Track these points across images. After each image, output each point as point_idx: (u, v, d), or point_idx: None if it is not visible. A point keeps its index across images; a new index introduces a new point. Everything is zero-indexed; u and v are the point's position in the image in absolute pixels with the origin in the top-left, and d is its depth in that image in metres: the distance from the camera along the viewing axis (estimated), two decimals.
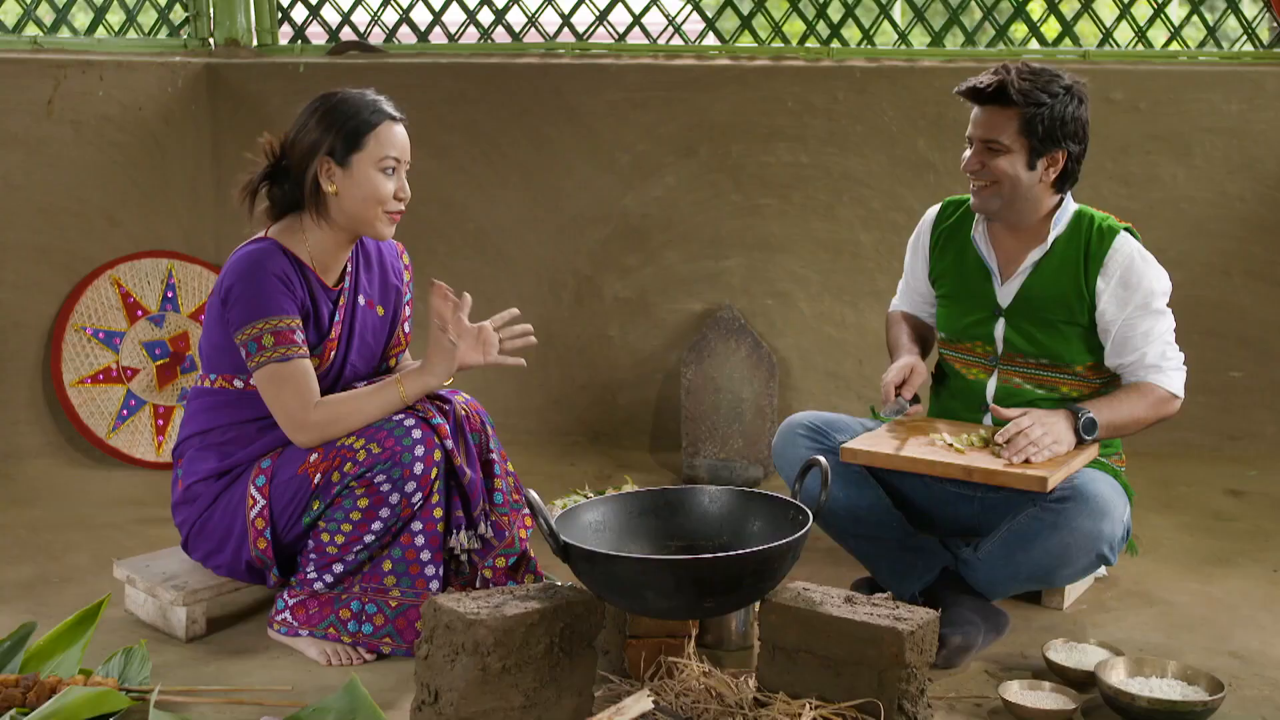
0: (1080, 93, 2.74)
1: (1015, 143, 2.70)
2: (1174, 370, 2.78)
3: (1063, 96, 2.70)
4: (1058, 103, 2.69)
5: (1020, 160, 2.72)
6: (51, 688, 2.26)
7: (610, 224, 4.32)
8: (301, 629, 2.61)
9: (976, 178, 2.76)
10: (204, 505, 2.66)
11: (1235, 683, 2.48)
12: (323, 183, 2.59)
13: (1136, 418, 2.74)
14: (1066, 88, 2.71)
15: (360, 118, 2.58)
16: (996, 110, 2.71)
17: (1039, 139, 2.69)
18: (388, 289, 2.81)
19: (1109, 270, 2.75)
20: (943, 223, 2.97)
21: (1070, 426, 2.67)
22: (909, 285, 3.12)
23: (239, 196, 2.67)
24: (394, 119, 2.62)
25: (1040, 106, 2.68)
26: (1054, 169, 2.74)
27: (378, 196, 2.59)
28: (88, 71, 4.07)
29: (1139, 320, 2.74)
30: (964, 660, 2.59)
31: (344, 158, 2.57)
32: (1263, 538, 3.42)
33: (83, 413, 3.98)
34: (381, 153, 2.59)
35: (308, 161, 2.59)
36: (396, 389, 2.58)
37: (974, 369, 2.91)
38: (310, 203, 2.61)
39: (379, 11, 4.50)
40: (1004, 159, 2.71)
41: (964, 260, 2.91)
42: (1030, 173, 2.73)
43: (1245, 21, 4.24)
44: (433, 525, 2.58)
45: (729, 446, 4.05)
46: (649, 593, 2.17)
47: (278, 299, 2.55)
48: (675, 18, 4.43)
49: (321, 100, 2.62)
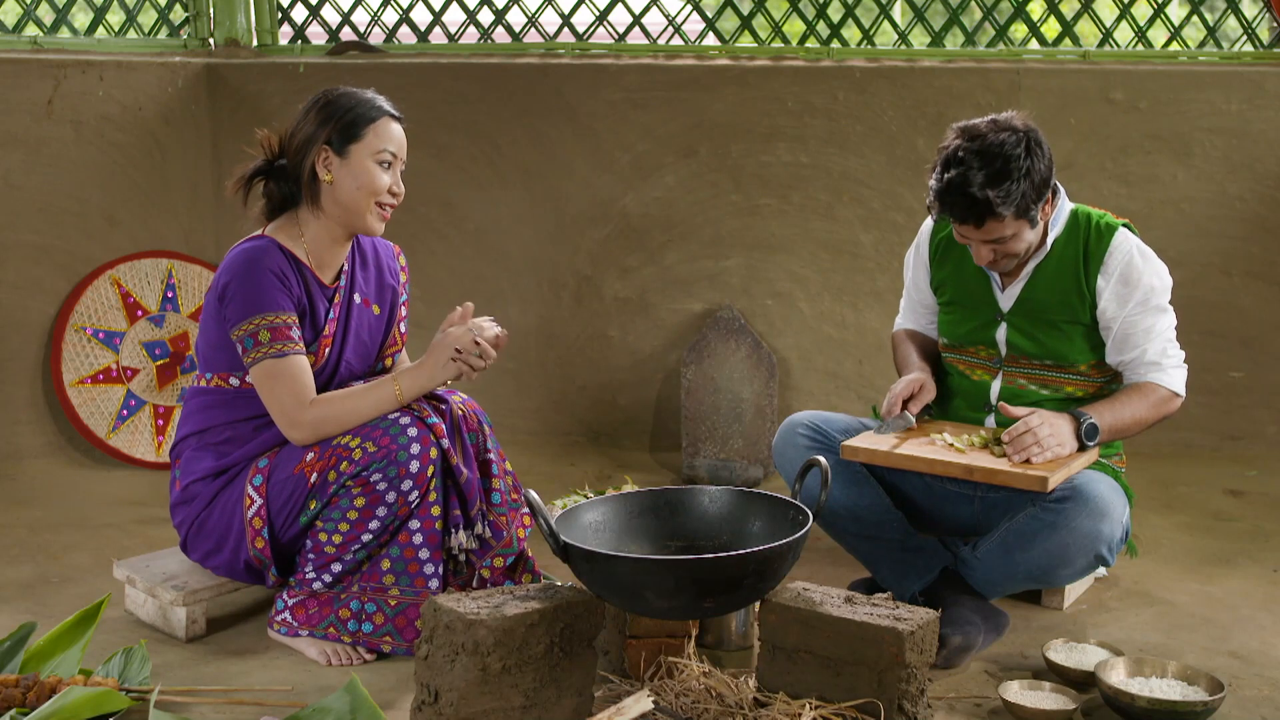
0: (1033, 136, 2.66)
1: (1016, 227, 2.68)
2: (1174, 368, 2.78)
3: (1023, 159, 2.61)
4: (1018, 171, 2.61)
5: (1025, 230, 2.70)
6: (51, 688, 2.26)
7: (610, 224, 4.32)
8: (301, 629, 2.62)
9: (996, 266, 2.77)
10: (202, 505, 2.66)
11: (1235, 683, 2.48)
12: (319, 171, 2.61)
13: (1139, 418, 2.75)
14: (1020, 144, 2.62)
15: (360, 110, 2.62)
16: (988, 222, 2.67)
17: (1031, 206, 2.66)
18: (383, 288, 2.82)
19: (1109, 268, 2.75)
20: (940, 232, 2.97)
21: (1073, 431, 2.67)
22: (912, 299, 3.11)
23: (232, 188, 2.69)
24: (394, 116, 2.67)
25: (1016, 188, 2.61)
26: (1049, 206, 2.75)
27: (372, 187, 2.61)
28: (88, 71, 4.08)
29: (1140, 317, 2.75)
30: (964, 660, 2.59)
31: (341, 147, 2.60)
32: (1263, 538, 3.42)
33: (83, 413, 3.98)
34: (379, 145, 2.62)
35: (306, 150, 2.61)
36: (392, 387, 2.58)
37: (978, 370, 2.91)
38: (306, 192, 2.63)
39: (379, 11, 4.50)
40: (1012, 242, 2.70)
41: (964, 267, 2.91)
42: (1034, 229, 2.73)
43: (1245, 21, 4.24)
44: (431, 524, 2.58)
45: (729, 446, 4.05)
46: (649, 593, 2.17)
47: (274, 295, 2.56)
48: (675, 18, 4.43)
49: (322, 94, 2.66)
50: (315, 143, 2.60)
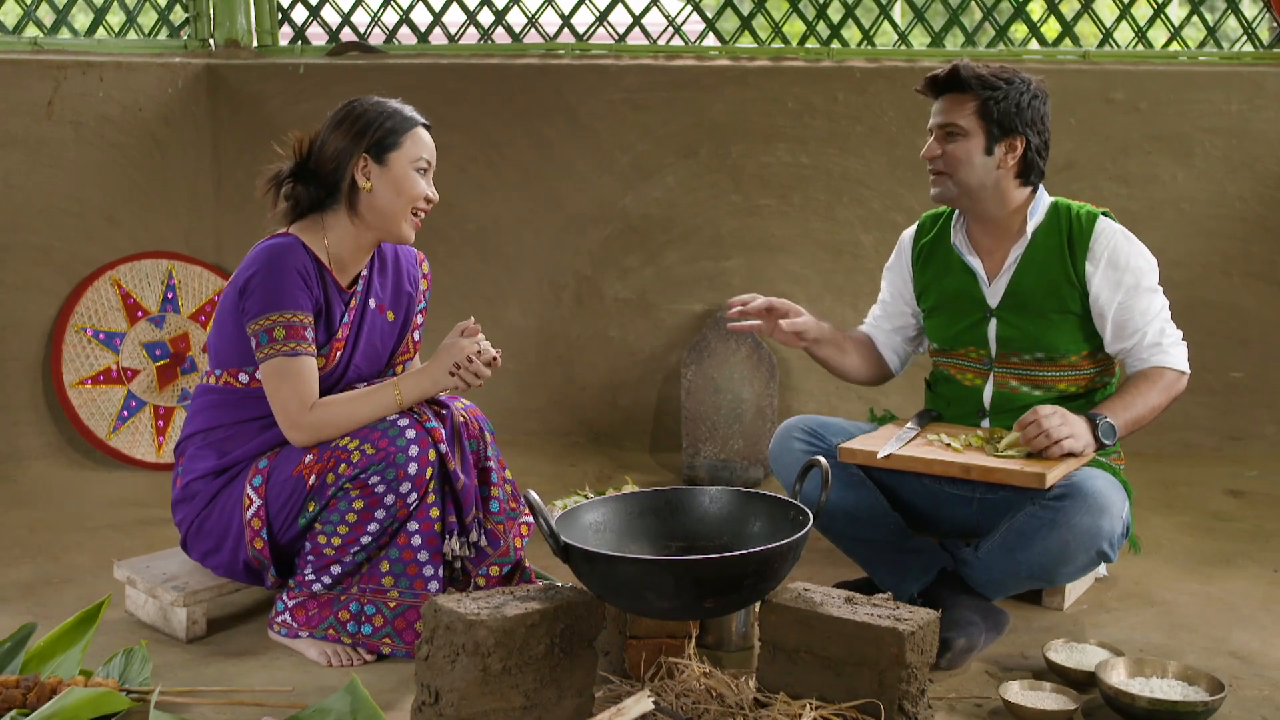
0: (1039, 89, 2.79)
1: (972, 125, 2.76)
2: (1174, 346, 2.79)
3: (1019, 85, 2.76)
4: (1013, 90, 2.75)
5: (978, 145, 2.76)
6: (52, 689, 2.26)
7: (610, 224, 4.32)
8: (301, 630, 2.62)
9: (934, 164, 2.80)
10: (202, 504, 2.66)
11: (1235, 683, 2.48)
12: (359, 179, 2.63)
13: (1153, 406, 2.76)
14: (1024, 79, 2.78)
15: (397, 119, 2.66)
16: (953, 97, 2.78)
17: (995, 123, 2.75)
18: (400, 295, 2.82)
19: (1095, 253, 2.77)
20: (922, 238, 2.99)
21: (1089, 429, 2.67)
22: (883, 310, 3.11)
23: (262, 188, 2.71)
24: (425, 125, 2.72)
25: (995, 90, 2.74)
26: (1013, 156, 2.78)
27: (411, 194, 2.66)
28: (88, 72, 4.08)
29: (1135, 300, 2.76)
30: (967, 661, 2.59)
31: (380, 155, 2.64)
32: (1263, 538, 3.42)
33: (83, 414, 3.98)
34: (417, 153, 2.67)
35: (342, 159, 2.64)
36: (393, 391, 2.58)
37: (969, 374, 2.92)
38: (345, 200, 2.66)
39: (379, 12, 4.50)
40: (961, 143, 2.76)
41: (948, 269, 2.92)
42: (987, 158, 2.77)
43: (1245, 21, 4.25)
44: (429, 525, 2.58)
45: (729, 447, 4.05)
46: (649, 593, 2.17)
47: (295, 293, 2.57)
48: (675, 18, 4.43)
49: (354, 103, 2.69)
50: (355, 152, 2.63)
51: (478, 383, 2.61)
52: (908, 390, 3.61)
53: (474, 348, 2.60)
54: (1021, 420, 2.66)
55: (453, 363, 2.59)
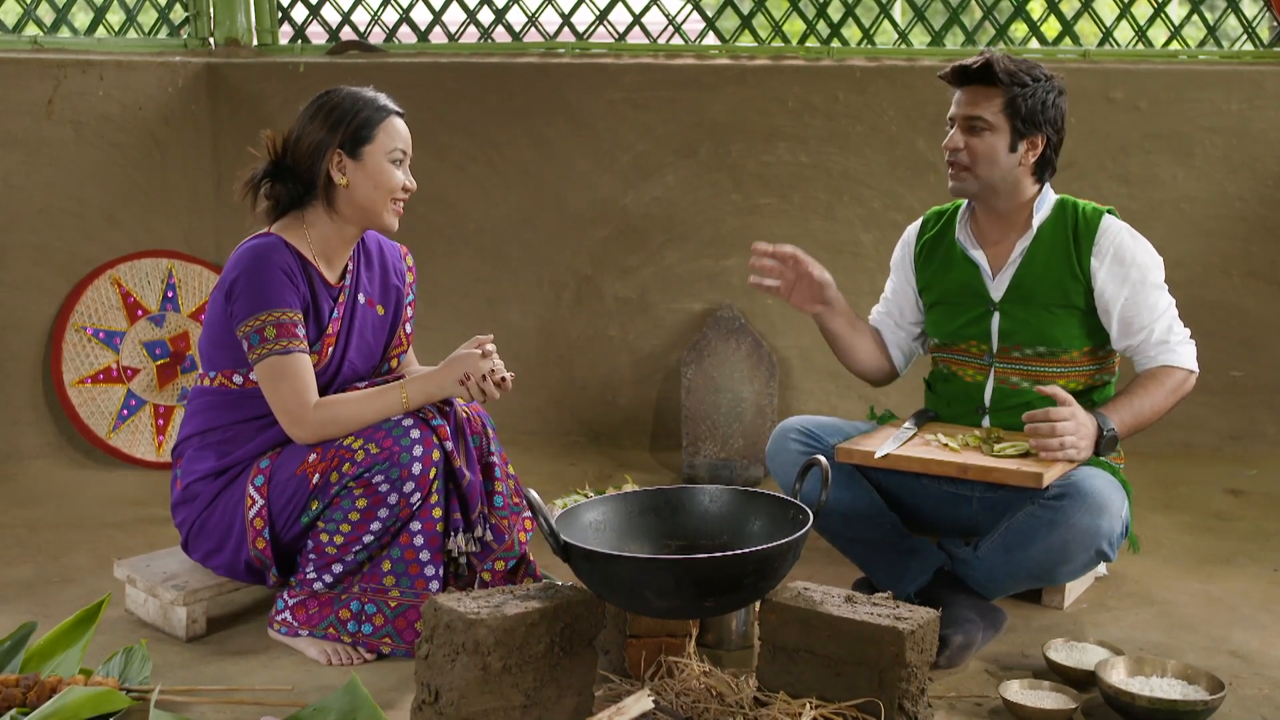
0: (1060, 85, 2.80)
1: (999, 120, 2.75)
2: (1182, 344, 2.79)
3: (1045, 83, 2.77)
4: (1040, 87, 2.76)
5: (1003, 140, 2.76)
6: (52, 687, 2.26)
7: (610, 224, 4.32)
8: (301, 629, 2.62)
9: (955, 156, 2.78)
10: (203, 505, 2.66)
11: (1235, 682, 2.48)
12: (334, 175, 2.63)
13: (1159, 409, 2.76)
14: (1048, 76, 2.79)
15: (367, 112, 2.64)
16: (981, 90, 2.77)
17: (1022, 120, 2.75)
18: (388, 288, 2.82)
19: (1101, 249, 2.77)
20: (926, 233, 2.99)
21: (1094, 439, 2.67)
22: (887, 306, 3.11)
23: (240, 191, 2.70)
24: (398, 113, 2.69)
25: (1024, 87, 2.74)
26: (1033, 153, 2.79)
27: (389, 186, 2.65)
28: (88, 71, 4.08)
29: (1141, 296, 2.76)
30: (966, 658, 2.59)
31: (354, 150, 2.63)
32: (1263, 538, 3.42)
33: (83, 413, 3.98)
34: (391, 144, 2.65)
35: (317, 156, 2.63)
36: (399, 393, 2.58)
37: (970, 369, 2.92)
38: (322, 196, 2.65)
39: (379, 11, 4.50)
40: (986, 137, 2.75)
41: (951, 263, 2.92)
42: (1010, 155, 2.77)
43: (1245, 21, 4.25)
44: (432, 525, 2.58)
45: (729, 446, 4.05)
46: (649, 592, 2.17)
47: (281, 292, 2.57)
48: (675, 17, 4.43)
49: (325, 97, 2.67)
50: (327, 148, 2.62)
51: (483, 399, 2.61)
52: (907, 390, 3.61)
53: (488, 366, 2.60)
54: (1031, 415, 2.65)
55: (463, 373, 2.59)
